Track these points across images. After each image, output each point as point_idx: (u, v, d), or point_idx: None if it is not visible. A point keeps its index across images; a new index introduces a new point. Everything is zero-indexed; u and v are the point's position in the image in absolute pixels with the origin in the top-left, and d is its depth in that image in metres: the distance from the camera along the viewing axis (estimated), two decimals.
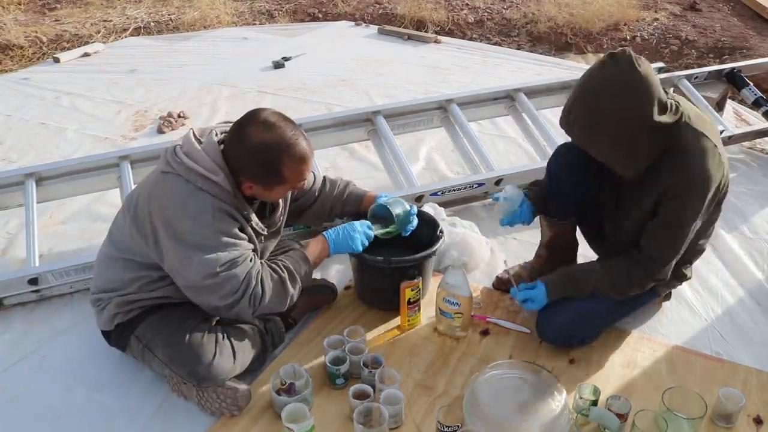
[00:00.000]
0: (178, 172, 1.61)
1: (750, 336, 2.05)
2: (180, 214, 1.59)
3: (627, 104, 1.60)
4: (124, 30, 5.51)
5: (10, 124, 3.65)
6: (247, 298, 1.64)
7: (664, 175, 1.70)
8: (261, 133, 1.59)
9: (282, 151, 1.60)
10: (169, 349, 1.72)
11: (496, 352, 1.93)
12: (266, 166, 1.61)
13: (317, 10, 6.06)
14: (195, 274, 1.60)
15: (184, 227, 1.59)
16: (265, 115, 1.62)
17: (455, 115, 2.95)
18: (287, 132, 1.61)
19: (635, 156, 1.67)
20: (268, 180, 1.64)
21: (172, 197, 1.60)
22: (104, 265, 1.80)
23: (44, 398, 1.83)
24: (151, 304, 1.76)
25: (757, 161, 3.16)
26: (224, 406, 1.71)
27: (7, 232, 2.61)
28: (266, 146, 1.59)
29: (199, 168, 1.60)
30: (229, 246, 1.61)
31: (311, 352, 1.93)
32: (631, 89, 1.59)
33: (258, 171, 1.62)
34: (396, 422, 1.65)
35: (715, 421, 1.68)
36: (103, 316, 1.78)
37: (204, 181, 1.60)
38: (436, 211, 2.37)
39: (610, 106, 1.60)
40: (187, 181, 1.60)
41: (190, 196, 1.59)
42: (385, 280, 1.98)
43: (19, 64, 4.88)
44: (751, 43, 4.89)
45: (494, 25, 5.67)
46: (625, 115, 1.61)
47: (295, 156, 1.61)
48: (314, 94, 3.98)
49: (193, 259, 1.59)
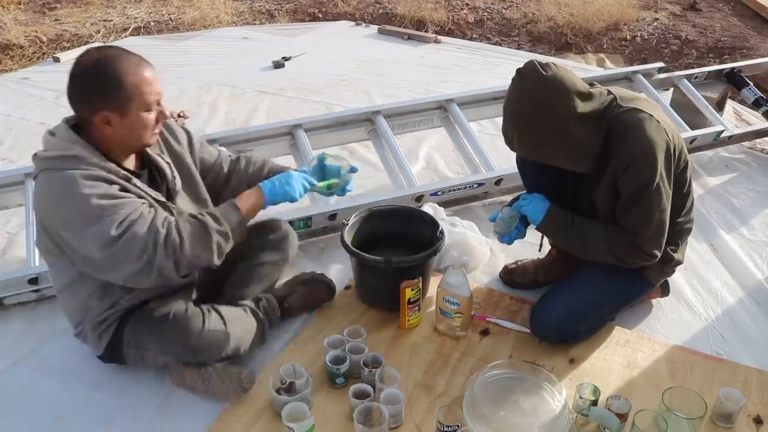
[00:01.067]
0: (42, 167, 1.57)
1: (750, 336, 2.05)
2: (54, 202, 1.53)
3: (545, 107, 1.68)
4: (124, 30, 5.51)
5: (10, 124, 3.65)
6: (162, 250, 1.52)
7: (611, 156, 1.75)
8: (91, 53, 1.56)
9: (115, 58, 1.54)
10: (159, 334, 1.71)
11: (496, 352, 1.93)
12: (106, 79, 1.52)
13: (317, 10, 6.06)
14: (94, 250, 1.50)
15: (63, 211, 1.52)
16: (93, 47, 1.63)
17: (455, 115, 2.95)
18: (116, 49, 1.58)
19: (578, 151, 1.74)
20: (115, 96, 1.53)
21: (42, 193, 1.56)
22: (62, 299, 1.77)
23: (44, 398, 1.83)
24: (123, 311, 1.73)
25: (757, 161, 3.16)
26: (230, 389, 1.72)
27: (7, 232, 2.61)
28: (98, 60, 1.53)
29: (53, 152, 1.55)
30: (115, 207, 1.51)
31: (311, 351, 1.93)
32: (543, 93, 1.68)
33: (101, 88, 1.52)
34: (396, 422, 1.66)
35: (715, 421, 1.68)
36: (90, 343, 1.79)
37: (61, 161, 1.54)
38: (436, 211, 2.37)
39: (532, 115, 1.69)
40: (49, 170, 1.54)
41: (55, 182, 1.52)
42: (385, 280, 1.98)
43: (19, 63, 4.88)
44: (751, 43, 4.89)
45: (494, 25, 5.67)
46: (548, 118, 1.69)
47: (130, 61, 1.55)
48: (314, 94, 3.98)
49: (86, 236, 1.50)
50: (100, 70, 1.52)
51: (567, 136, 1.70)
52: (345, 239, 2.06)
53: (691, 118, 3.14)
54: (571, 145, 1.72)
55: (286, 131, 2.78)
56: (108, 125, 1.56)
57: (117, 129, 1.57)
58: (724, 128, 3.05)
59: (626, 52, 5.03)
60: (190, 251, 1.56)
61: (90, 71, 1.53)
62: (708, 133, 3.03)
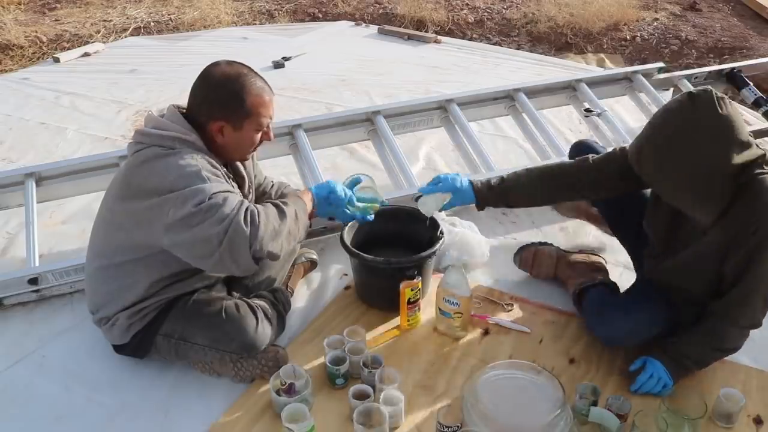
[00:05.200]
0: (152, 143, 1.65)
1: (750, 336, 2.04)
2: (164, 172, 1.61)
3: (703, 150, 1.49)
4: (124, 30, 5.50)
5: (10, 124, 3.65)
6: (241, 218, 1.56)
7: (731, 213, 1.56)
8: (223, 68, 1.71)
9: (244, 77, 1.70)
10: (211, 331, 1.76)
11: (496, 352, 1.93)
12: (232, 95, 1.68)
13: (317, 10, 6.06)
14: (189, 206, 1.55)
15: (171, 178, 1.59)
16: (224, 60, 1.75)
17: (455, 115, 2.95)
18: (245, 68, 1.74)
19: (709, 202, 1.57)
20: (235, 112, 1.69)
21: (151, 163, 1.63)
22: (97, 279, 1.79)
23: (44, 398, 1.83)
24: (165, 301, 1.77)
25: None
26: (265, 370, 1.79)
27: (7, 232, 2.61)
28: (228, 77, 1.69)
29: (171, 132, 1.66)
30: (219, 179, 1.64)
31: (311, 352, 1.92)
32: (709, 134, 1.49)
33: (225, 102, 1.68)
34: (396, 422, 1.66)
35: (715, 421, 1.68)
36: (114, 331, 1.78)
37: (179, 143, 1.65)
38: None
39: (686, 151, 1.50)
40: (162, 147, 1.64)
41: (170, 156, 1.62)
42: (385, 280, 1.98)
43: (19, 64, 4.87)
44: (751, 43, 4.89)
45: (494, 25, 5.66)
46: (701, 163, 1.50)
47: (256, 84, 1.71)
48: (314, 94, 3.98)
49: (185, 194, 1.57)
50: (230, 86, 1.68)
51: (708, 186, 1.53)
52: (345, 239, 2.06)
53: None
54: (706, 196, 1.55)
55: (286, 131, 2.78)
56: (220, 134, 1.71)
57: (227, 139, 1.72)
58: None
59: (626, 52, 5.03)
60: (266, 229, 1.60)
61: (221, 84, 1.68)
62: None
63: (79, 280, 2.19)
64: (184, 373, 1.87)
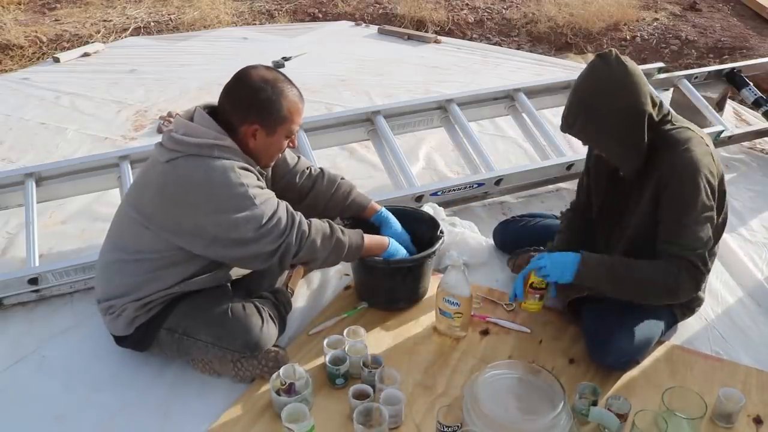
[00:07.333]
0: (188, 152, 1.65)
1: (750, 336, 2.05)
2: (208, 189, 1.63)
3: (624, 100, 1.69)
4: (124, 30, 5.51)
5: (10, 124, 3.65)
6: (293, 240, 1.70)
7: (654, 168, 1.75)
8: (262, 71, 1.71)
9: (282, 83, 1.71)
10: (215, 329, 1.77)
11: (496, 352, 1.93)
12: (270, 99, 1.68)
13: (317, 10, 6.06)
14: (245, 231, 1.65)
15: (218, 198, 1.64)
16: (261, 65, 1.75)
17: (455, 115, 2.95)
18: (282, 75, 1.75)
19: (636, 148, 1.74)
20: (272, 116, 1.70)
21: (193, 177, 1.64)
22: (113, 270, 1.79)
23: (44, 398, 1.83)
24: (172, 296, 1.78)
25: (757, 161, 3.16)
26: (265, 370, 1.79)
27: (7, 232, 2.61)
28: (267, 81, 1.69)
29: (206, 140, 1.65)
30: (264, 195, 1.68)
31: (311, 352, 1.93)
32: (625, 85, 1.69)
33: (262, 105, 1.68)
34: (396, 422, 1.65)
35: (715, 421, 1.68)
36: (119, 321, 1.78)
37: (217, 150, 1.65)
38: (435, 211, 2.37)
39: (608, 103, 1.70)
40: (200, 156, 1.64)
41: (211, 169, 1.64)
42: (385, 280, 1.98)
43: (19, 64, 4.88)
44: (751, 43, 4.89)
45: (494, 25, 5.67)
46: (623, 111, 1.70)
47: (293, 91, 1.73)
48: (314, 94, 3.97)
49: (239, 220, 1.64)
50: (268, 91, 1.68)
51: (630, 129, 1.71)
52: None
53: (691, 119, 3.06)
54: (629, 140, 1.72)
55: None
56: (252, 137, 1.71)
57: (258, 143, 1.72)
58: (723, 128, 3.05)
59: (626, 53, 5.03)
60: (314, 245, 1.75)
61: (261, 88, 1.68)
62: (708, 134, 3.02)
63: (78, 280, 2.19)
64: (184, 372, 1.87)
